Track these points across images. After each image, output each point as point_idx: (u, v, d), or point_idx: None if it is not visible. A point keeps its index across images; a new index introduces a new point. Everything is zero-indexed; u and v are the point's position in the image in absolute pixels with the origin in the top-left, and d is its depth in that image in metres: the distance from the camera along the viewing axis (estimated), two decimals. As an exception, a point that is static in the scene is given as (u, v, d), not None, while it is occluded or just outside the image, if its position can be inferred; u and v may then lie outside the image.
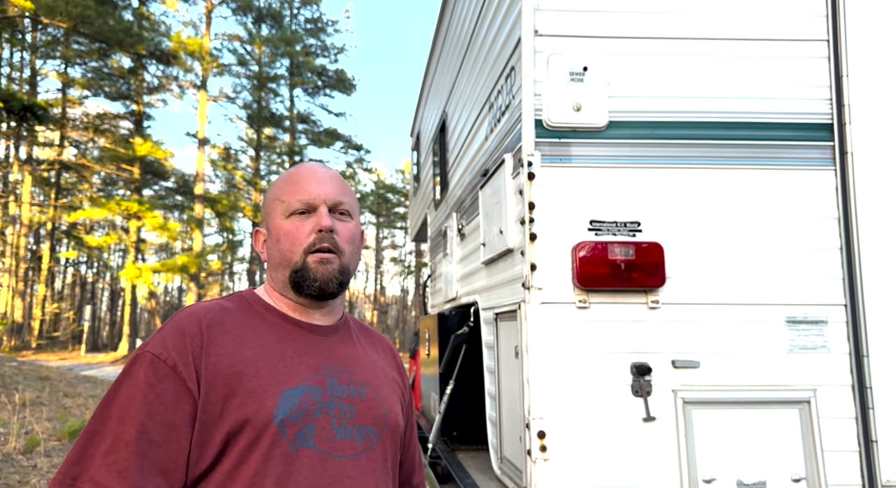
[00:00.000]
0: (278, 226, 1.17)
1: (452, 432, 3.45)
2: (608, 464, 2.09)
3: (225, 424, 1.00)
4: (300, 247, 1.14)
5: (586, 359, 2.15)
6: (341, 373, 1.15)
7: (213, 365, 1.03)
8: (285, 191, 1.19)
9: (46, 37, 26.29)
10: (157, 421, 0.98)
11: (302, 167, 1.24)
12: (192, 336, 1.05)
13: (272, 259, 1.19)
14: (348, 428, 1.10)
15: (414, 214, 7.20)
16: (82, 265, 43.32)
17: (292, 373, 1.08)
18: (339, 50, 33.47)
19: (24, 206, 26.57)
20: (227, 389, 1.02)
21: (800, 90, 2.34)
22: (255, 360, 1.07)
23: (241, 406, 1.01)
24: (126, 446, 0.95)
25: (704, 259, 2.24)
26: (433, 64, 5.43)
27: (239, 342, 1.08)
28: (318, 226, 1.14)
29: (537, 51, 2.29)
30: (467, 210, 3.58)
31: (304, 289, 1.15)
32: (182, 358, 1.02)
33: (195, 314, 1.10)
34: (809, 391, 2.17)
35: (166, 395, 0.99)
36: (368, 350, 1.28)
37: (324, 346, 1.17)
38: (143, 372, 1.01)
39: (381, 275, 52.28)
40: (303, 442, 1.04)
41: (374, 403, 1.16)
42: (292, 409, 1.04)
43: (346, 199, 1.21)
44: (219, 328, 1.08)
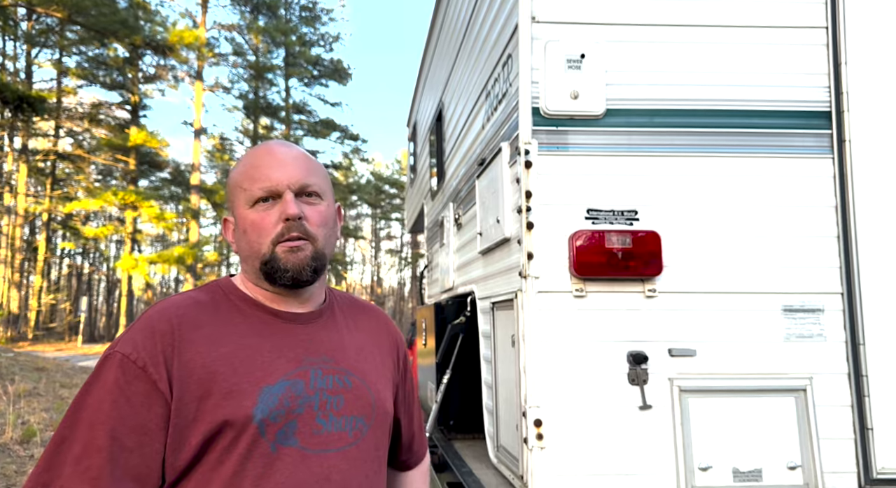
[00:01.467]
0: (243, 216, 1.11)
1: (449, 421, 3.46)
2: (604, 452, 2.09)
3: (200, 426, 0.96)
4: (267, 238, 1.08)
5: (583, 347, 2.15)
6: (325, 364, 1.10)
7: (185, 364, 0.98)
8: (246, 177, 1.11)
9: (41, 26, 26.06)
10: (129, 426, 0.94)
11: (261, 149, 1.15)
12: (162, 334, 1.00)
13: (241, 250, 1.13)
14: (336, 420, 1.06)
15: (410, 205, 7.18)
16: (78, 256, 43.22)
17: (271, 369, 1.04)
18: (335, 39, 33.29)
19: (20, 197, 26.45)
20: (201, 390, 0.97)
21: (798, 77, 2.33)
22: (230, 357, 1.02)
23: (218, 407, 0.97)
24: (98, 452, 0.92)
25: (701, 247, 2.23)
26: (430, 53, 5.40)
27: (213, 339, 1.03)
28: (284, 215, 1.08)
29: (534, 38, 2.27)
30: (464, 200, 3.56)
31: (277, 280, 1.09)
32: (152, 358, 0.97)
33: (165, 311, 1.04)
34: (805, 379, 2.17)
35: (136, 398, 0.95)
36: (355, 332, 1.22)
37: (305, 336, 1.12)
38: (113, 374, 0.96)
39: (377, 267, 52.29)
40: (284, 441, 1.00)
41: (362, 392, 1.12)
42: (272, 407, 1.00)
43: (313, 180, 1.13)
44: (191, 325, 1.03)
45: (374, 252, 51.26)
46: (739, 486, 2.08)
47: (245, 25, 30.25)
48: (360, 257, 54.05)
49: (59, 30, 25.66)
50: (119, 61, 27.10)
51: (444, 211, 4.33)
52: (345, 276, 50.22)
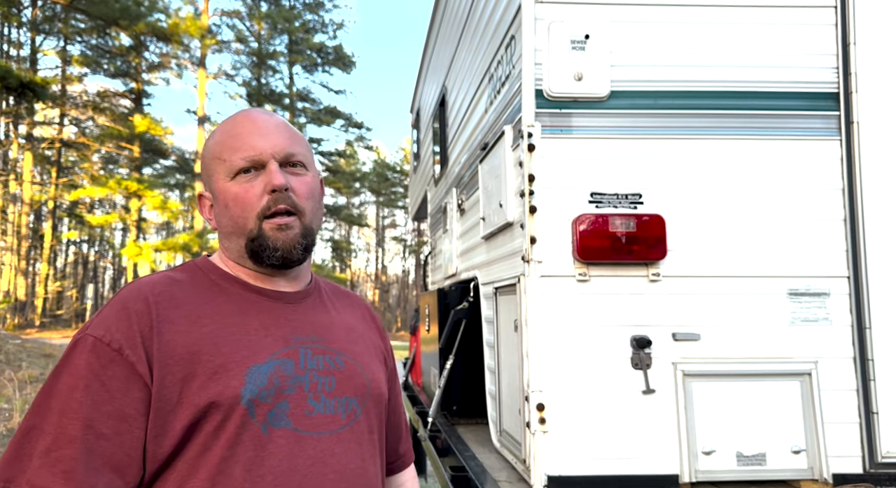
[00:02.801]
0: (224, 189, 1.02)
1: (452, 406, 3.46)
2: (607, 436, 2.09)
3: (185, 410, 0.89)
4: (252, 213, 1.00)
5: (586, 332, 2.14)
6: (315, 343, 1.04)
7: (165, 344, 0.91)
8: (225, 147, 1.03)
9: (45, 13, 25.99)
10: (105, 413, 0.87)
11: (240, 116, 1.07)
12: (138, 314, 0.92)
13: (223, 227, 1.05)
14: (328, 402, 1.00)
15: (414, 192, 7.16)
16: (84, 244, 43.41)
17: (259, 347, 0.97)
18: (339, 26, 33.11)
19: (26, 185, 26.52)
20: (184, 371, 0.90)
21: (805, 58, 2.29)
22: (214, 336, 0.95)
23: (203, 388, 0.90)
24: (70, 443, 0.84)
25: (706, 231, 2.21)
26: (432, 37, 5.35)
27: (194, 317, 0.96)
28: (269, 186, 1.00)
29: (538, 18, 2.23)
30: (467, 185, 3.54)
31: (265, 260, 1.02)
32: (128, 339, 0.90)
33: (140, 289, 0.96)
34: (811, 363, 2.15)
35: (113, 383, 0.88)
36: (344, 315, 1.16)
37: (293, 315, 1.05)
38: (85, 358, 0.89)
39: (382, 255, 52.36)
40: (276, 422, 0.93)
41: (355, 372, 1.06)
42: (261, 387, 0.93)
43: (297, 149, 1.06)
44: (169, 303, 0.96)
45: (378, 240, 51.30)
46: (743, 470, 2.07)
47: (247, 12, 30.11)
48: (365, 245, 54.10)
49: (63, 18, 25.59)
50: (123, 49, 27.04)
51: (447, 197, 4.31)
52: (349, 264, 50.30)
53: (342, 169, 38.68)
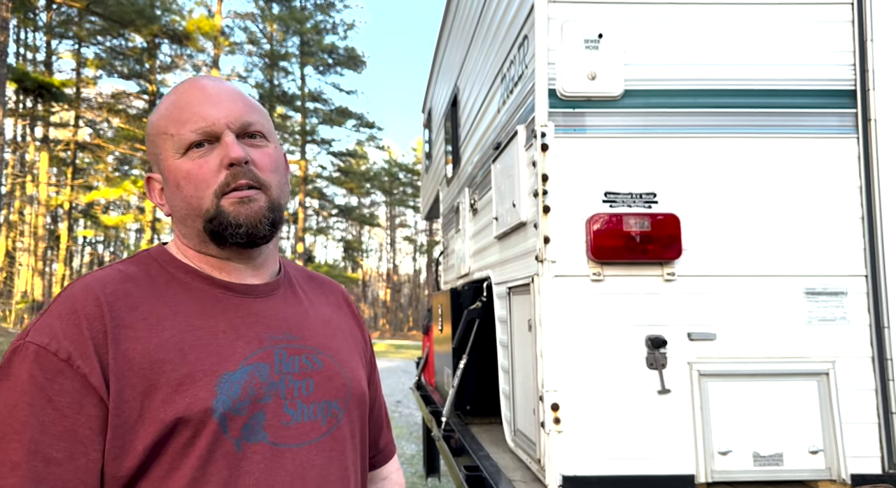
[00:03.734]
0: (174, 168, 0.90)
1: (466, 406, 3.46)
2: (622, 436, 2.08)
3: (148, 427, 0.78)
4: (208, 190, 0.88)
5: (600, 331, 2.14)
6: (290, 342, 0.94)
7: (123, 354, 0.80)
8: (172, 120, 0.90)
9: (60, 17, 26.30)
10: (53, 434, 0.75)
11: (187, 85, 0.94)
12: (89, 318, 0.80)
13: (176, 210, 0.92)
14: (306, 408, 0.90)
15: (426, 192, 7.17)
16: (99, 244, 43.86)
17: (229, 352, 0.86)
18: (349, 26, 33.20)
19: (42, 186, 26.84)
20: (144, 383, 0.79)
21: (822, 55, 2.27)
22: (177, 342, 0.83)
23: (168, 402, 0.79)
24: (13, 470, 0.72)
25: (722, 230, 2.20)
26: (444, 37, 5.35)
27: (154, 320, 0.84)
28: (227, 160, 0.88)
29: (551, 18, 2.23)
30: (479, 185, 3.54)
31: (228, 239, 0.89)
32: (79, 347, 0.78)
33: (89, 288, 0.84)
34: (828, 363, 2.13)
35: (62, 398, 0.76)
36: (319, 305, 1.06)
37: (264, 311, 0.94)
38: (27, 370, 0.76)
39: (393, 254, 52.45)
40: (251, 437, 0.84)
41: (334, 372, 0.97)
42: (235, 398, 0.83)
43: (255, 118, 0.94)
44: (124, 304, 0.84)
45: (389, 239, 51.40)
46: (760, 470, 2.06)
47: (260, 14, 30.29)
48: (377, 245, 54.23)
49: (78, 20, 25.87)
50: (137, 51, 27.29)
51: (459, 196, 4.31)
52: (361, 264, 50.43)
53: (354, 169, 38.79)
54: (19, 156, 29.13)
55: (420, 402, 4.79)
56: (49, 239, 30.21)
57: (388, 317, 49.80)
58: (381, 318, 50.78)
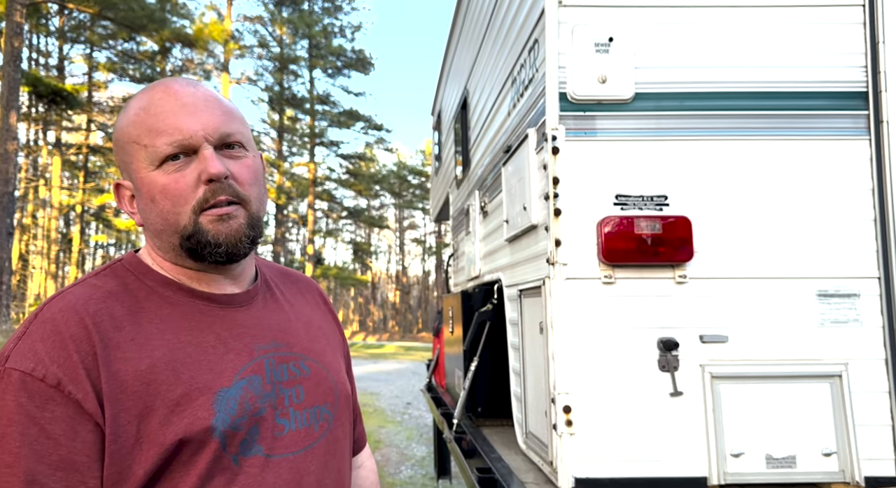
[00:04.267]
0: (147, 180, 0.85)
1: (477, 408, 3.48)
2: (635, 438, 2.09)
3: (147, 451, 0.76)
4: (186, 207, 0.85)
5: (612, 334, 2.14)
6: (277, 350, 0.92)
7: (114, 375, 0.76)
8: (145, 129, 0.85)
9: (73, 22, 26.57)
10: (49, 464, 0.72)
11: (159, 90, 0.88)
12: (76, 340, 0.76)
13: (150, 224, 0.88)
14: (298, 416, 0.90)
15: (436, 194, 7.19)
16: (111, 247, 44.21)
17: (221, 367, 0.84)
18: (356, 28, 33.32)
19: (54, 190, 27.11)
20: (140, 406, 0.77)
21: (833, 57, 2.27)
22: (169, 360, 0.81)
23: (167, 424, 0.77)
24: None
25: (733, 232, 2.20)
26: (454, 40, 5.37)
27: (142, 339, 0.81)
28: (206, 175, 0.84)
29: (561, 22, 2.24)
30: (490, 187, 3.56)
31: (207, 257, 0.87)
32: (68, 372, 0.74)
33: (70, 307, 0.80)
34: (841, 365, 2.13)
35: (55, 426, 0.72)
36: (298, 306, 1.05)
37: (249, 321, 0.92)
38: (13, 399, 0.72)
39: (402, 256, 52.52)
40: (246, 451, 0.83)
41: (322, 377, 0.96)
42: (233, 415, 0.82)
43: (234, 127, 0.89)
44: (110, 324, 0.80)
45: (398, 241, 51.47)
46: (773, 473, 2.06)
47: (269, 17, 30.47)
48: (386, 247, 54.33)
49: (90, 25, 26.12)
50: (148, 55, 27.51)
51: (469, 199, 4.33)
52: (370, 266, 50.52)
53: (362, 171, 38.90)
54: (32, 160, 29.43)
55: (431, 404, 4.81)
56: (61, 242, 30.49)
57: (398, 318, 49.86)
58: (391, 320, 50.86)
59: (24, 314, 24.88)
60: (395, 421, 8.83)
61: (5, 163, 14.48)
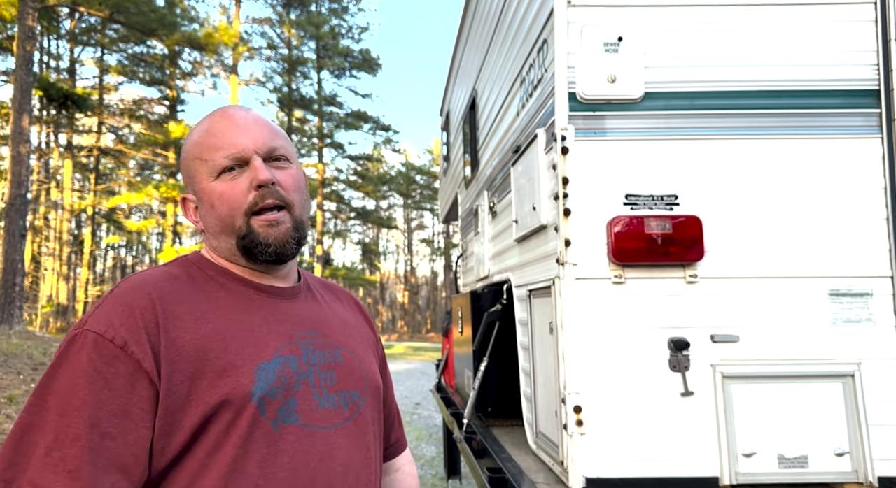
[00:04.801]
0: (208, 190, 1.01)
1: (487, 408, 3.48)
2: (646, 438, 2.08)
3: (194, 409, 0.88)
4: (240, 210, 0.99)
5: (622, 334, 2.14)
6: (315, 338, 1.04)
7: (173, 341, 0.89)
8: (205, 147, 1.01)
9: (84, 25, 26.79)
10: (109, 411, 0.84)
11: (217, 115, 1.05)
12: (142, 310, 0.90)
13: (210, 227, 1.03)
14: (330, 396, 1.00)
15: (444, 194, 7.19)
16: (122, 248, 44.52)
17: (264, 344, 0.97)
18: (363, 29, 33.37)
19: (66, 192, 27.33)
20: (192, 369, 0.89)
21: (845, 55, 2.25)
22: (221, 333, 0.94)
23: (213, 386, 0.89)
24: (74, 441, 0.81)
25: (745, 232, 2.19)
26: (462, 40, 5.38)
27: (198, 314, 0.94)
28: (255, 182, 0.99)
29: (570, 22, 2.25)
30: (498, 188, 3.56)
31: (259, 257, 1.01)
32: (133, 335, 0.87)
33: (142, 284, 0.94)
34: (854, 365, 2.12)
35: (117, 380, 0.85)
36: (336, 308, 1.17)
37: (291, 311, 1.05)
38: (86, 355, 0.85)
39: (411, 257, 52.55)
40: (286, 419, 0.93)
41: (354, 366, 1.07)
42: (271, 384, 0.93)
43: (279, 142, 1.05)
44: (172, 299, 0.94)
45: (406, 242, 51.52)
46: (785, 473, 2.05)
47: (277, 19, 30.59)
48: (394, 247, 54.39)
49: (100, 28, 26.32)
50: (158, 58, 27.69)
51: (478, 199, 4.33)
52: (378, 266, 50.59)
53: (370, 172, 38.97)
54: (44, 163, 29.68)
55: (440, 404, 4.81)
56: (73, 243, 30.73)
57: (406, 319, 49.90)
58: (399, 321, 50.90)
59: (36, 315, 25.10)
60: (404, 422, 8.82)
61: (18, 165, 14.61)
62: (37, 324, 24.39)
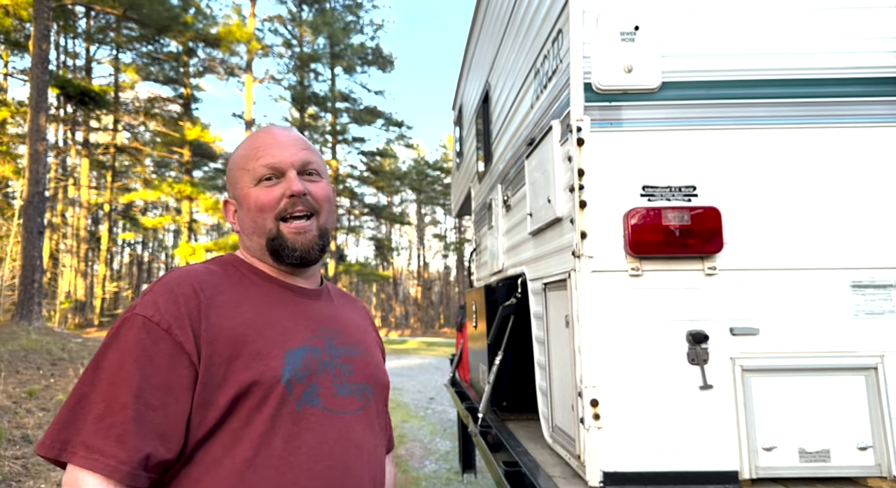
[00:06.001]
0: (247, 195, 1.15)
1: (502, 402, 3.47)
2: (664, 432, 2.06)
3: (229, 387, 0.99)
4: (271, 214, 1.13)
5: (640, 327, 2.12)
6: (336, 334, 1.16)
7: (212, 326, 1.01)
8: (249, 158, 1.16)
9: (99, 24, 27.02)
10: (153, 385, 0.95)
11: (261, 132, 1.21)
12: (186, 297, 1.02)
13: (245, 228, 1.18)
14: (347, 386, 1.12)
15: (457, 189, 7.17)
16: (139, 245, 44.96)
17: (293, 334, 1.08)
18: (378, 26, 33.36)
19: (83, 189, 27.63)
20: (230, 351, 1.00)
21: (866, 42, 2.20)
22: (254, 322, 1.06)
23: (247, 368, 1.00)
24: (122, 410, 0.93)
25: (764, 223, 2.16)
26: (475, 33, 5.35)
27: (235, 304, 1.07)
28: (288, 191, 1.13)
29: (585, 11, 2.22)
30: (512, 181, 3.54)
31: (284, 258, 1.15)
32: (177, 320, 0.99)
33: (186, 276, 1.07)
34: (877, 357, 2.08)
35: (160, 358, 0.97)
36: (350, 313, 1.30)
37: (315, 309, 1.18)
38: (134, 335, 0.98)
39: (423, 252, 52.59)
40: (309, 401, 1.05)
41: (368, 362, 1.19)
42: (297, 369, 1.04)
43: (313, 159, 1.19)
44: (212, 290, 1.06)
45: (419, 237, 51.54)
46: (806, 467, 2.02)
47: (289, 17, 30.65)
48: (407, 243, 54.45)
49: (115, 27, 26.54)
50: (172, 56, 27.88)
51: (491, 193, 4.31)
52: (391, 262, 50.70)
53: (383, 168, 39.00)
54: (61, 161, 30.02)
55: (455, 399, 4.81)
56: (90, 240, 31.08)
57: (419, 314, 49.97)
58: (412, 316, 51.00)
59: (55, 312, 25.42)
60: (418, 416, 8.86)
61: (35, 163, 14.78)
62: (56, 319, 24.71)
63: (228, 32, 25.02)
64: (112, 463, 0.90)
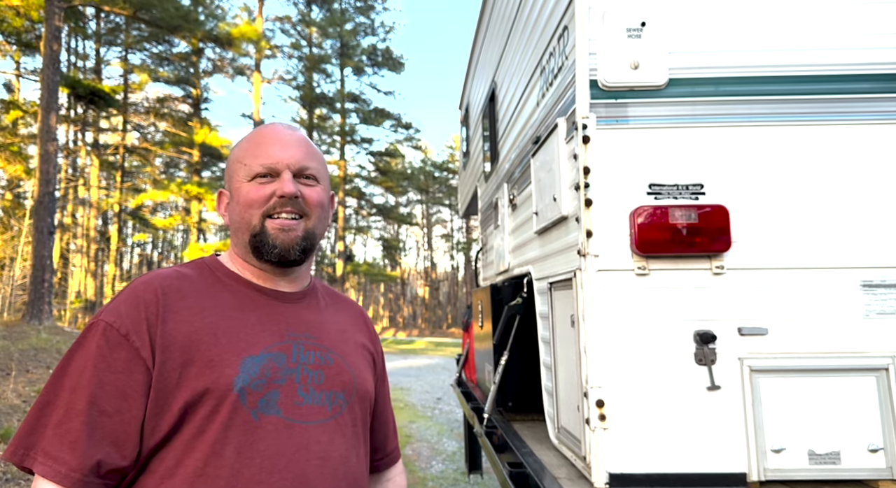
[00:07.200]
0: (239, 189, 1.14)
1: (507, 402, 3.45)
2: (671, 434, 2.03)
3: (182, 393, 0.98)
4: (258, 210, 1.11)
5: (646, 326, 2.09)
6: (307, 340, 1.13)
7: (168, 332, 1.00)
8: (248, 153, 1.15)
9: (109, 24, 27.20)
10: (108, 392, 0.95)
11: (266, 128, 1.19)
12: (146, 303, 1.01)
13: (233, 222, 1.16)
14: (316, 394, 1.08)
15: (464, 189, 7.16)
16: (148, 245, 45.22)
17: (254, 341, 1.05)
18: (389, 29, 33.41)
19: (93, 190, 27.81)
20: (184, 357, 0.99)
21: (876, 38, 2.17)
22: (213, 328, 1.03)
23: (200, 375, 0.98)
24: (77, 416, 0.93)
25: (773, 221, 2.12)
26: (482, 31, 5.33)
27: (197, 309, 1.05)
28: (279, 192, 1.11)
29: (592, 7, 2.19)
30: (518, 180, 3.51)
31: (264, 255, 1.12)
32: (135, 325, 0.99)
33: (151, 281, 1.06)
34: (888, 358, 2.04)
35: (118, 364, 0.97)
36: (337, 317, 1.25)
37: (289, 313, 1.15)
38: (96, 341, 0.98)
39: (431, 252, 52.61)
40: (266, 410, 1.01)
41: (342, 369, 1.15)
42: (253, 377, 1.01)
43: (312, 164, 1.17)
44: (176, 295, 1.05)
45: (426, 237, 51.56)
46: (816, 469, 1.99)
47: (299, 18, 30.75)
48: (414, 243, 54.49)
49: (125, 27, 26.70)
50: (182, 57, 28.02)
51: (497, 192, 4.29)
52: (399, 262, 50.74)
53: (391, 168, 39.04)
54: (71, 161, 30.24)
55: (461, 399, 4.79)
56: (100, 240, 31.29)
57: (427, 314, 49.98)
58: (420, 316, 50.99)
59: (65, 311, 25.61)
60: (425, 417, 8.85)
61: (46, 163, 14.89)
62: (66, 319, 24.89)
63: (238, 32, 25.11)
64: (63, 470, 0.91)
